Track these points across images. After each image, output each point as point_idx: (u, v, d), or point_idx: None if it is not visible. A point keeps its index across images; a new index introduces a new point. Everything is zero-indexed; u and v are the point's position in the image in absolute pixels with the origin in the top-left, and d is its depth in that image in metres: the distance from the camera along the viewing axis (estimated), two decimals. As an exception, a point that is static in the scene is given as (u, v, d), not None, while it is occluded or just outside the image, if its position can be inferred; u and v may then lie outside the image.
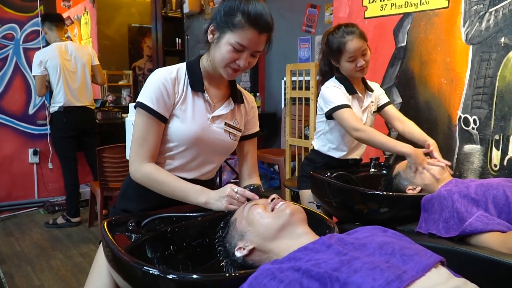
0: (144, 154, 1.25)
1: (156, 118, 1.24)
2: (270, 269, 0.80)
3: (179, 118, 1.28)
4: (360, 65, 1.83)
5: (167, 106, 1.26)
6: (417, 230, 1.49)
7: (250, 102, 1.45)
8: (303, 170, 2.07)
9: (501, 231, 1.30)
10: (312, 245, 0.88)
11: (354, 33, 1.80)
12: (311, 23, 4.52)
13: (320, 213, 1.28)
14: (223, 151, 1.39)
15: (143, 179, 1.26)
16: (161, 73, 1.27)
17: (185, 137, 1.28)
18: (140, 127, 1.25)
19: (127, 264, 0.99)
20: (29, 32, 3.83)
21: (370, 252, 0.83)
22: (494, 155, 1.89)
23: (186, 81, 1.29)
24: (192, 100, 1.29)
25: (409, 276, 0.73)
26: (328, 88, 1.89)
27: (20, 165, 3.85)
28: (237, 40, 1.17)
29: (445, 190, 1.49)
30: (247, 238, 1.01)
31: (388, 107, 2.01)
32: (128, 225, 1.18)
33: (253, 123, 1.47)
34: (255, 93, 5.09)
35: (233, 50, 1.18)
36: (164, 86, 1.24)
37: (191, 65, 1.32)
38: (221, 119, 1.34)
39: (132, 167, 1.27)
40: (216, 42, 1.22)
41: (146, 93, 1.25)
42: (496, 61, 1.86)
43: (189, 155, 1.32)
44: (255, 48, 1.20)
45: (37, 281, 2.53)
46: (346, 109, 1.82)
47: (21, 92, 3.83)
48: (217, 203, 1.18)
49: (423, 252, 0.83)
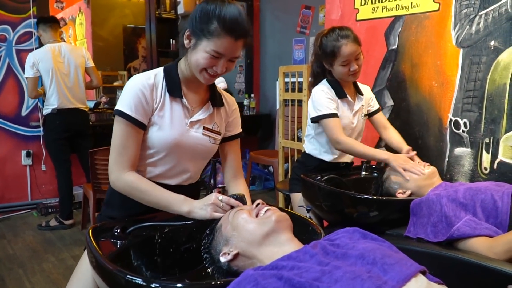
0: (124, 162, 1.23)
1: (135, 126, 1.23)
2: (253, 275, 0.80)
3: (157, 124, 1.27)
4: (353, 70, 1.83)
5: (146, 112, 1.24)
6: (406, 234, 1.49)
7: (231, 105, 1.44)
8: (294, 173, 2.07)
9: (489, 236, 1.31)
10: (295, 254, 0.88)
11: (349, 37, 1.80)
12: (305, 24, 4.52)
13: (307, 218, 1.28)
14: (204, 155, 1.38)
15: (124, 188, 1.25)
16: (138, 79, 1.26)
17: (164, 144, 1.27)
18: (119, 135, 1.24)
19: (110, 272, 0.98)
20: (22, 34, 3.81)
21: (352, 262, 0.83)
22: (484, 158, 1.90)
23: (164, 87, 1.28)
24: (170, 106, 1.28)
25: (389, 287, 0.72)
26: (318, 93, 1.89)
27: (13, 167, 3.83)
28: (213, 48, 1.16)
29: (434, 194, 1.49)
30: (232, 243, 1.01)
31: (378, 115, 2.04)
32: (114, 231, 1.17)
33: (234, 124, 1.45)
34: (249, 94, 5.09)
35: (209, 57, 1.17)
36: (142, 92, 1.23)
37: (168, 70, 1.30)
38: (199, 123, 1.32)
39: (112, 176, 1.25)
40: (192, 48, 1.21)
41: (124, 101, 1.23)
42: (486, 64, 1.86)
43: (170, 161, 1.31)
44: (232, 55, 1.19)
45: (28, 284, 2.52)
46: (332, 119, 1.83)
47: (14, 94, 3.81)
48: (201, 212, 1.17)
49: (403, 261, 0.83)
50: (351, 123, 1.93)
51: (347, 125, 1.91)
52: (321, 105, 1.84)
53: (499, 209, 1.37)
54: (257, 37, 5.23)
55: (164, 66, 1.32)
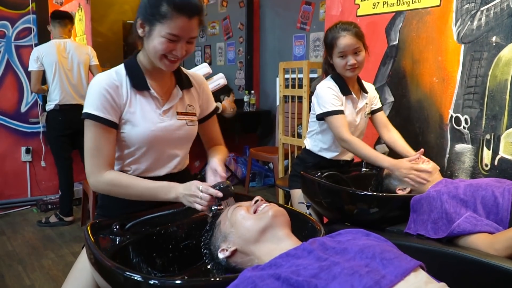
0: (101, 164, 1.22)
1: (106, 125, 1.21)
2: (251, 277, 0.79)
3: (130, 122, 1.25)
4: (350, 64, 1.81)
5: (115, 110, 1.23)
6: (406, 231, 1.48)
7: (199, 82, 1.42)
8: (294, 170, 2.06)
9: (489, 232, 1.30)
10: (293, 251, 0.87)
11: (349, 30, 1.80)
12: (305, 20, 4.50)
13: (306, 214, 1.27)
14: (186, 139, 1.37)
15: (106, 188, 1.23)
16: (101, 79, 1.24)
17: (142, 139, 1.26)
18: (91, 137, 1.22)
19: (109, 269, 0.98)
20: (21, 30, 3.79)
21: (351, 256, 0.82)
22: (485, 155, 1.89)
23: (128, 83, 1.26)
24: (138, 101, 1.27)
25: (387, 281, 0.72)
26: (323, 89, 1.87)
27: (13, 163, 3.82)
28: (168, 31, 1.14)
29: (434, 190, 1.48)
30: (230, 240, 1.01)
31: (379, 114, 2.02)
32: (112, 227, 1.17)
33: (207, 102, 1.44)
34: (249, 90, 5.08)
35: (166, 41, 1.16)
36: (107, 91, 1.21)
37: (129, 65, 1.28)
38: (172, 110, 1.31)
39: (91, 179, 1.23)
40: (147, 36, 1.19)
41: (90, 103, 1.21)
42: (488, 60, 1.85)
43: (153, 154, 1.31)
44: (189, 35, 1.18)
45: (28, 280, 2.52)
46: (338, 116, 1.81)
47: (13, 90, 3.80)
48: (183, 200, 1.16)
49: (403, 256, 0.83)
50: (354, 121, 1.91)
51: (351, 123, 1.89)
52: (326, 102, 1.83)
53: (499, 206, 1.36)
54: (257, 33, 5.21)
55: (124, 62, 1.30)
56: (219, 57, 5.82)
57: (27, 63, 3.76)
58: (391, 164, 1.70)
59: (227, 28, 5.60)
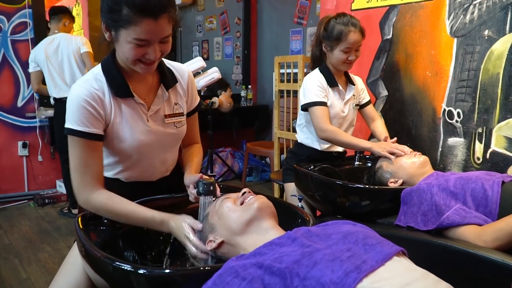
0: (90, 181, 1.13)
1: (91, 140, 1.13)
2: (234, 267, 0.80)
3: (117, 133, 1.19)
4: (350, 59, 1.85)
5: (99, 122, 1.14)
6: (396, 223, 1.49)
7: (184, 77, 1.32)
8: (287, 163, 2.07)
9: (478, 224, 1.31)
10: (278, 240, 0.88)
11: (357, 26, 1.83)
12: (302, 15, 4.50)
13: (295, 206, 1.28)
14: (176, 141, 1.34)
15: (96, 210, 1.16)
16: (79, 91, 1.13)
17: (132, 148, 1.21)
18: (77, 154, 1.13)
19: (98, 259, 0.99)
20: (17, 24, 3.79)
21: (333, 242, 0.83)
22: (477, 148, 1.90)
23: (109, 92, 1.16)
24: (123, 110, 1.18)
25: (368, 266, 0.73)
26: (309, 81, 1.90)
27: (9, 158, 3.83)
28: (134, 36, 1.03)
29: (424, 183, 1.49)
30: (217, 231, 1.02)
31: (368, 107, 2.07)
32: (103, 219, 1.18)
33: (192, 97, 1.36)
34: (246, 85, 5.08)
35: (135, 47, 1.05)
36: (89, 103, 1.12)
37: (107, 70, 1.17)
38: (158, 113, 1.25)
39: (80, 197, 1.15)
40: (115, 41, 1.09)
41: (72, 117, 1.12)
42: (480, 54, 1.86)
43: (144, 161, 1.28)
44: (158, 36, 1.06)
45: (24, 273, 2.53)
46: (320, 107, 1.84)
47: (10, 85, 3.80)
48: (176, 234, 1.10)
49: (385, 242, 0.84)
50: (341, 112, 1.93)
51: (338, 114, 1.91)
52: (311, 93, 1.86)
53: (489, 198, 1.37)
54: (254, 28, 5.21)
55: (101, 66, 1.19)
56: (217, 52, 5.81)
57: (24, 58, 3.78)
58: (371, 144, 1.79)
59: (224, 23, 5.59)
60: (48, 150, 3.98)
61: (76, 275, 1.19)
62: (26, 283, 2.43)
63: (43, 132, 3.92)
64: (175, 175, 1.38)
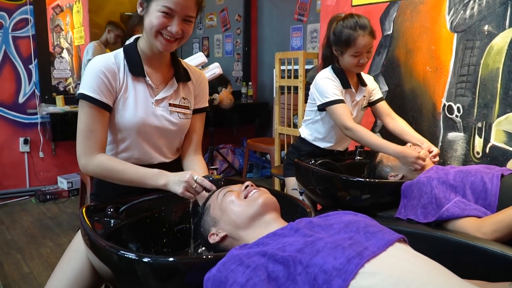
0: (92, 146, 1.21)
1: (100, 108, 1.21)
2: (238, 255, 0.82)
3: (123, 107, 1.26)
4: (362, 62, 1.79)
5: (110, 93, 1.23)
6: (397, 216, 1.51)
7: (198, 78, 1.42)
8: (289, 158, 2.08)
9: (477, 217, 1.32)
10: (280, 231, 0.89)
11: (366, 28, 1.75)
12: (303, 11, 4.50)
13: (296, 198, 1.29)
14: (177, 132, 1.37)
15: (96, 171, 1.23)
16: (99, 61, 1.24)
17: (132, 125, 1.26)
18: (85, 119, 1.21)
19: (103, 249, 1.00)
20: (18, 20, 3.79)
21: (335, 231, 0.85)
22: (476, 143, 1.91)
23: (126, 67, 1.27)
24: (133, 87, 1.27)
25: (369, 252, 0.74)
26: (323, 80, 1.85)
27: (11, 154, 3.84)
28: (163, 4, 1.16)
29: (424, 176, 1.51)
30: (220, 225, 1.03)
31: (381, 103, 2.00)
32: (106, 210, 1.19)
33: (200, 98, 1.44)
34: (247, 82, 5.09)
35: (162, 15, 1.18)
36: (104, 73, 1.22)
37: (128, 50, 1.29)
38: (165, 101, 1.32)
39: (81, 161, 1.22)
40: (145, 13, 1.21)
41: (86, 83, 1.22)
42: (480, 49, 1.87)
43: (144, 143, 1.31)
44: (184, 11, 1.19)
45: (26, 268, 2.55)
46: (340, 105, 1.80)
47: (11, 81, 3.81)
48: (175, 186, 1.14)
49: (386, 230, 0.85)
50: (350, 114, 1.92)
51: None
52: (328, 92, 1.81)
53: (488, 191, 1.39)
54: (254, 25, 5.21)
55: (124, 47, 1.32)
56: (217, 49, 5.82)
57: (25, 54, 3.79)
58: (401, 151, 1.69)
59: (224, 20, 5.59)
60: (50, 146, 3.99)
61: (79, 261, 1.21)
62: (28, 277, 2.45)
63: (44, 128, 3.93)
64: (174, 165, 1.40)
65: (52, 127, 3.74)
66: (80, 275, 1.20)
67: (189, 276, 0.91)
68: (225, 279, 0.79)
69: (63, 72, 4.59)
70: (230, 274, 0.80)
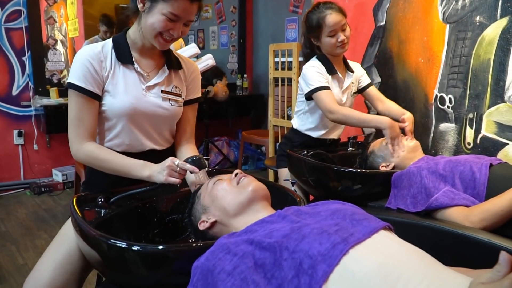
0: (82, 133, 1.24)
1: (88, 96, 1.24)
2: (226, 244, 0.83)
3: (111, 93, 1.27)
4: (340, 40, 1.83)
5: (96, 82, 1.25)
6: (387, 206, 1.52)
7: (190, 69, 1.44)
8: (281, 149, 2.09)
9: (466, 206, 1.34)
10: (268, 218, 0.91)
11: (333, 8, 1.83)
12: (298, 3, 4.49)
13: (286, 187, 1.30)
14: (169, 119, 1.38)
15: (85, 159, 1.26)
16: (85, 51, 1.26)
17: (122, 111, 1.27)
18: (74, 107, 1.25)
19: (93, 238, 1.01)
20: (11, 12, 3.76)
21: (322, 218, 0.86)
22: (468, 134, 1.92)
23: (113, 55, 1.29)
24: (122, 73, 1.29)
25: (355, 239, 0.76)
26: (309, 68, 1.89)
27: (5, 146, 3.83)
28: (170, 10, 1.18)
29: (414, 166, 1.52)
30: (210, 212, 1.04)
31: (370, 88, 2.03)
32: (97, 200, 1.20)
33: (193, 88, 1.46)
34: (242, 74, 5.08)
35: (166, 19, 1.19)
36: (90, 62, 1.24)
37: (117, 39, 1.32)
38: (157, 87, 1.33)
39: (72, 148, 1.26)
40: (147, 12, 1.22)
41: (74, 73, 1.24)
42: (471, 40, 1.87)
43: (135, 130, 1.31)
44: (188, 17, 1.22)
45: (21, 260, 2.56)
46: (324, 91, 1.83)
47: (4, 73, 3.79)
48: (158, 176, 1.16)
49: (372, 218, 0.86)
50: (340, 100, 1.93)
51: (337, 102, 1.91)
52: (312, 80, 1.85)
53: (477, 180, 1.40)
54: (249, 17, 5.19)
55: (113, 37, 1.34)
56: (212, 41, 5.80)
57: (18, 46, 3.77)
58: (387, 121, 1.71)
59: (219, 12, 5.57)
60: (44, 138, 3.99)
61: (67, 245, 1.22)
62: (23, 268, 2.46)
63: (38, 120, 3.92)
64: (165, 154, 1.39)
65: (46, 119, 3.73)
66: (68, 259, 1.21)
67: (177, 264, 0.92)
68: (212, 267, 0.80)
69: (57, 64, 4.58)
70: (217, 262, 0.81)
